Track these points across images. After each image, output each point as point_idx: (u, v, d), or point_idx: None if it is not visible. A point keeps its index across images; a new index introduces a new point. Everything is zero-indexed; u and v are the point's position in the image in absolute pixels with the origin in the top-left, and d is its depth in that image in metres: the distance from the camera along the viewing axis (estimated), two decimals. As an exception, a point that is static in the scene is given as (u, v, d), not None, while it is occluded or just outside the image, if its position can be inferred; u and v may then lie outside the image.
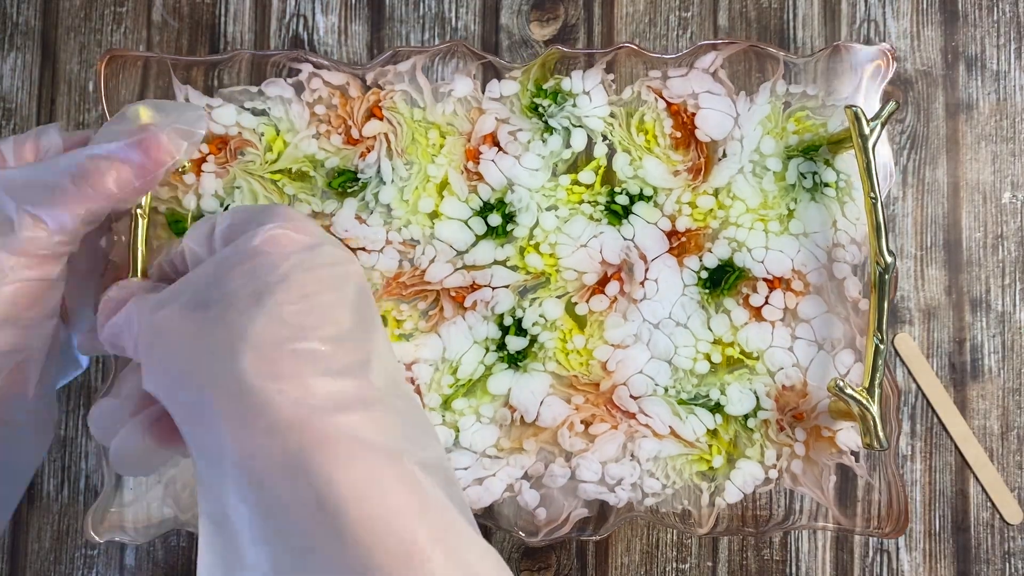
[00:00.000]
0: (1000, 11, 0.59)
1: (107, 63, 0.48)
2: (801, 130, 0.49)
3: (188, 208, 0.48)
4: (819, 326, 0.48)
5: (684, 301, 0.48)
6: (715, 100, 0.49)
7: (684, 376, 0.48)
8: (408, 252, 0.49)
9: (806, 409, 0.48)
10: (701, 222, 0.49)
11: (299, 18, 0.58)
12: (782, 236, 0.48)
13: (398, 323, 0.48)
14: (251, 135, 0.48)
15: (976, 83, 0.59)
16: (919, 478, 0.56)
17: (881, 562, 0.56)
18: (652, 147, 0.49)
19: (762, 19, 0.58)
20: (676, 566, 0.56)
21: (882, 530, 0.48)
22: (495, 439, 0.48)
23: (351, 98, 0.49)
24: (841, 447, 0.48)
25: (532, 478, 0.48)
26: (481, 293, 0.48)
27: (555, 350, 0.48)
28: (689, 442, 0.48)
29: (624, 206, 0.49)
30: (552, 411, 0.48)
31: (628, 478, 0.48)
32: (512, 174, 0.48)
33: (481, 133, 0.49)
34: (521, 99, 0.49)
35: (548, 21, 0.58)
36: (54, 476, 0.57)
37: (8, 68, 0.58)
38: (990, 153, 0.58)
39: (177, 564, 0.56)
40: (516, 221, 0.48)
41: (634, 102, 0.49)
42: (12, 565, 0.57)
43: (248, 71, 0.50)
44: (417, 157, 0.49)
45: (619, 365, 0.48)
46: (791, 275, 0.48)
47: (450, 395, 0.48)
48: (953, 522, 0.57)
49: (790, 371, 0.48)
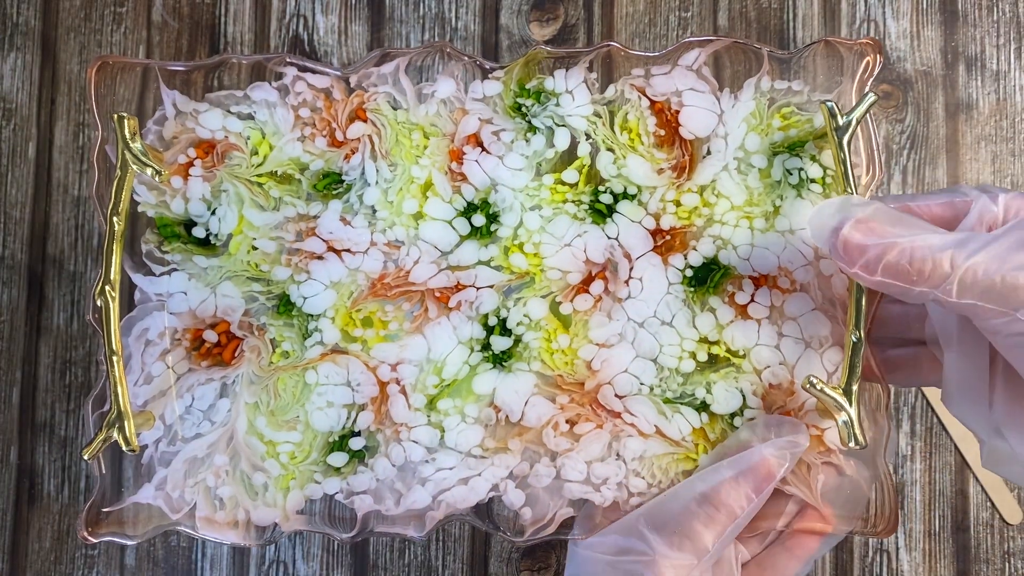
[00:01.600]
0: (1000, 11, 0.59)
1: (98, 69, 0.49)
2: (786, 126, 0.48)
3: (176, 212, 0.49)
4: (806, 324, 0.48)
5: (669, 300, 0.48)
6: (699, 97, 0.48)
7: (669, 375, 0.48)
8: (393, 253, 0.49)
9: (793, 407, 0.47)
10: (686, 220, 0.48)
11: (299, 18, 0.59)
12: (768, 233, 0.48)
13: (383, 324, 0.49)
14: (237, 139, 0.49)
15: (976, 83, 0.58)
16: (919, 478, 0.56)
17: (881, 562, 0.56)
18: (636, 145, 0.49)
19: (762, 19, 0.58)
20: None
21: (873, 529, 0.47)
22: (480, 439, 0.48)
23: (335, 100, 0.49)
24: (829, 445, 0.47)
25: (517, 478, 0.48)
26: (465, 293, 0.48)
27: (540, 350, 0.48)
28: (675, 441, 0.48)
29: (608, 205, 0.48)
30: (537, 411, 0.48)
31: (613, 477, 0.47)
32: (495, 174, 0.49)
33: (464, 134, 0.49)
34: (504, 99, 0.49)
35: (548, 21, 0.59)
36: (54, 476, 0.58)
37: (8, 68, 0.59)
38: (990, 153, 0.57)
39: (177, 564, 0.57)
40: (500, 221, 0.49)
41: (617, 100, 0.49)
42: (12, 565, 0.58)
43: (248, 74, 0.51)
44: (401, 158, 0.49)
45: (604, 364, 0.48)
46: (777, 272, 0.48)
47: (435, 395, 0.48)
48: (953, 522, 0.56)
49: (777, 369, 0.48)
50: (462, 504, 0.48)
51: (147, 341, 0.49)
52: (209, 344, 0.49)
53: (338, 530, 0.48)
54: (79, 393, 0.57)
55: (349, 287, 0.49)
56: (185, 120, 0.49)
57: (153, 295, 0.49)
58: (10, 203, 0.58)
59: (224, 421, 0.48)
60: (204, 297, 0.49)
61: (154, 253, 0.49)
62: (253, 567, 0.57)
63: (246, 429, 0.48)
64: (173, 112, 0.49)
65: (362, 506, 0.48)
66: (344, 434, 0.48)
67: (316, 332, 0.48)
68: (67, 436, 0.58)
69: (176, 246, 0.49)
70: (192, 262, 0.49)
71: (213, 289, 0.49)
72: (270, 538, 0.49)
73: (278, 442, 0.48)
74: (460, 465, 0.48)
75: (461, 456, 0.48)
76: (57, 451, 0.58)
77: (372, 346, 0.48)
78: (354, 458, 0.48)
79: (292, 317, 0.49)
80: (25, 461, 0.58)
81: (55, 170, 0.58)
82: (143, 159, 0.46)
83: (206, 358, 0.49)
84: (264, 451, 0.48)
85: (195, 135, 0.49)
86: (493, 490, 0.48)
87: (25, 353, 0.58)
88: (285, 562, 0.57)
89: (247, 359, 0.49)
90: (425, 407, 0.48)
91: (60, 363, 0.57)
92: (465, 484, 0.48)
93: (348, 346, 0.48)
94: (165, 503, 0.48)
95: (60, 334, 0.57)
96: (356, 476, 0.48)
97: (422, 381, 0.48)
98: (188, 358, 0.49)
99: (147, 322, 0.49)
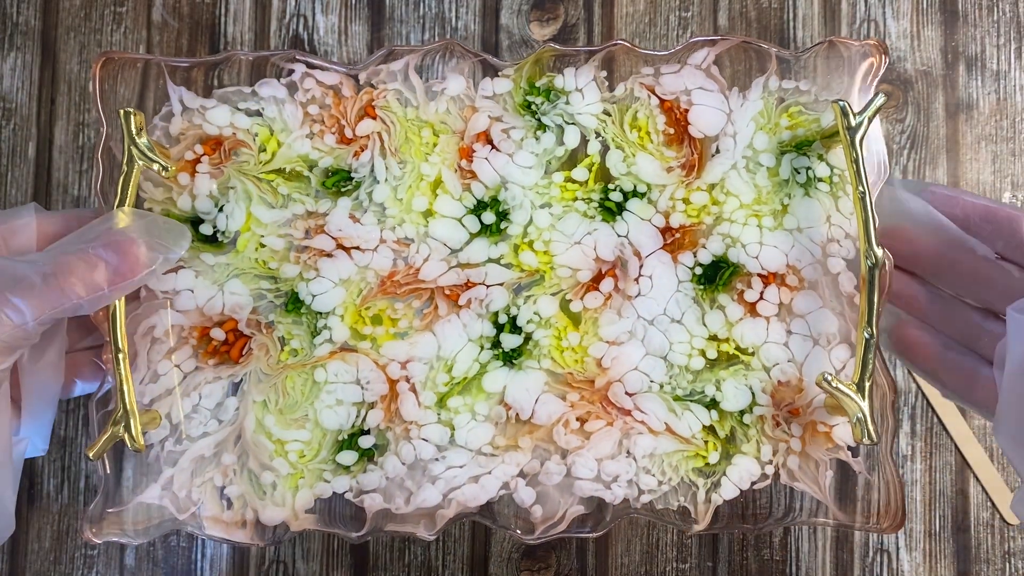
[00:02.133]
0: (1000, 11, 0.59)
1: (102, 65, 0.48)
2: (794, 125, 0.49)
3: (182, 209, 0.48)
4: (814, 321, 0.48)
5: (679, 297, 0.48)
6: (708, 96, 0.49)
7: (679, 372, 0.48)
8: (402, 251, 0.49)
9: (802, 404, 0.47)
10: (695, 218, 0.49)
11: (299, 18, 0.58)
12: (776, 231, 0.48)
13: (393, 322, 0.48)
14: (245, 136, 0.49)
15: (976, 83, 0.59)
16: (919, 478, 0.56)
17: (881, 562, 0.56)
18: (645, 144, 0.49)
19: (762, 19, 0.58)
20: (676, 566, 0.56)
21: (879, 526, 0.47)
22: (490, 437, 0.48)
23: (344, 97, 0.49)
24: (837, 442, 0.47)
25: (528, 476, 0.48)
26: (475, 291, 0.48)
27: (550, 347, 0.48)
28: (685, 438, 0.48)
29: (618, 203, 0.49)
30: (547, 408, 0.48)
31: (624, 475, 0.48)
32: (506, 172, 0.49)
33: (474, 131, 0.49)
34: (514, 97, 0.49)
35: (548, 21, 0.59)
36: (54, 476, 0.57)
37: (8, 68, 0.59)
38: (990, 153, 0.58)
39: (177, 564, 0.56)
40: (510, 219, 0.49)
41: (627, 99, 0.49)
42: (12, 565, 0.57)
43: (248, 71, 0.50)
44: (411, 156, 0.49)
45: (614, 362, 0.48)
46: (785, 270, 0.48)
47: (445, 393, 0.48)
48: (953, 522, 0.56)
49: (785, 366, 0.48)
50: (473, 502, 0.48)
51: (153, 339, 0.48)
52: (216, 342, 0.48)
53: (347, 529, 0.48)
54: (79, 393, 0.57)
55: (358, 285, 0.48)
56: (192, 116, 0.49)
57: (159, 292, 0.48)
58: (10, 203, 0.58)
59: (232, 420, 0.48)
60: (211, 295, 0.48)
61: (160, 250, 0.49)
62: (253, 567, 0.56)
63: (254, 428, 0.48)
64: (180, 108, 0.49)
65: (372, 505, 0.47)
66: (353, 432, 0.48)
67: (325, 330, 0.48)
68: (67, 436, 0.57)
69: (183, 243, 0.49)
70: (199, 259, 0.48)
71: (220, 287, 0.48)
72: (277, 538, 0.48)
73: (287, 440, 0.48)
74: (470, 463, 0.48)
75: (471, 454, 0.48)
76: (57, 451, 0.57)
77: (382, 344, 0.48)
78: (364, 456, 0.48)
79: (301, 315, 0.48)
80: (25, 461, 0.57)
81: (55, 170, 0.58)
82: (150, 154, 0.46)
83: (213, 356, 0.48)
84: (273, 450, 0.48)
85: (202, 131, 0.49)
86: (504, 488, 0.48)
87: (24, 352, 0.57)
88: (285, 562, 0.57)
89: (255, 357, 0.48)
90: (435, 405, 0.48)
91: (59, 363, 0.57)
92: (476, 482, 0.48)
93: (357, 344, 0.48)
94: (171, 503, 0.48)
95: (59, 333, 0.57)
96: (366, 474, 0.48)
97: (432, 379, 0.48)
98: (195, 356, 0.48)
99: (153, 320, 0.48)
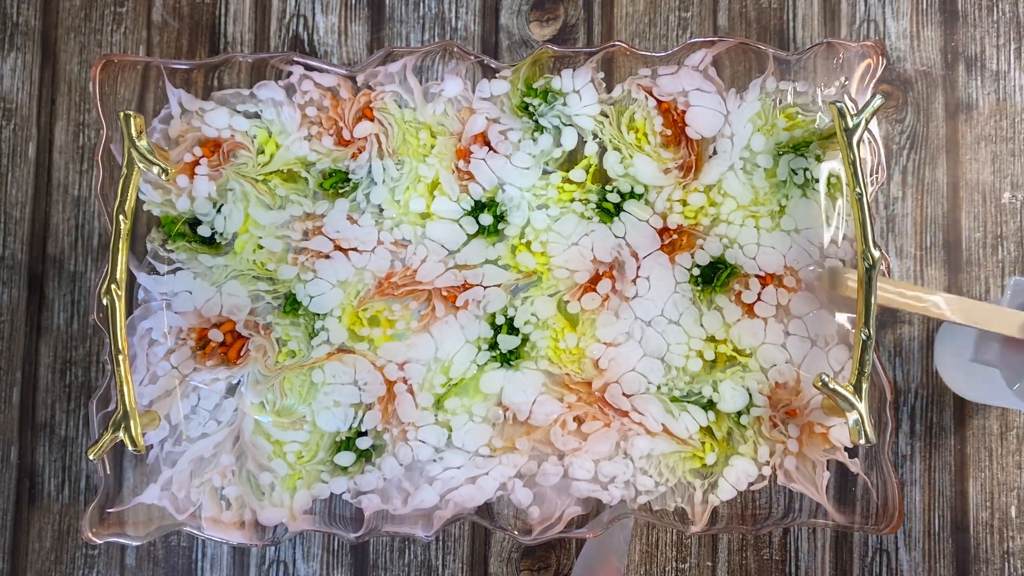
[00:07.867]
0: (1000, 11, 0.59)
1: (102, 68, 0.48)
2: (792, 127, 0.49)
3: (181, 210, 0.49)
4: (812, 322, 0.48)
5: (676, 298, 0.48)
6: (705, 98, 0.49)
7: (677, 373, 0.48)
8: (399, 252, 0.49)
9: (799, 406, 0.47)
10: (692, 219, 0.49)
11: (299, 18, 0.58)
12: (774, 232, 0.48)
13: (390, 323, 0.48)
14: (243, 138, 0.49)
15: (976, 83, 0.59)
16: (919, 478, 0.56)
17: (880, 562, 0.56)
18: (642, 145, 0.49)
19: (762, 19, 0.58)
20: (676, 566, 0.56)
21: (878, 526, 0.47)
22: (488, 438, 0.48)
23: (342, 99, 0.49)
24: (835, 443, 0.47)
25: (525, 477, 0.48)
26: (473, 292, 0.48)
27: (547, 348, 0.48)
28: (682, 439, 0.48)
29: (615, 204, 0.49)
30: (545, 409, 0.48)
31: (621, 476, 0.48)
32: (503, 173, 0.49)
33: (472, 133, 0.49)
34: (511, 98, 0.49)
35: (548, 21, 0.59)
36: (54, 476, 0.57)
37: (8, 68, 0.59)
38: (990, 153, 0.58)
39: (177, 564, 0.57)
40: (507, 220, 0.49)
41: (624, 100, 0.49)
42: (12, 565, 0.57)
43: (248, 73, 0.50)
44: (408, 157, 0.49)
45: (611, 363, 0.48)
46: (783, 271, 0.48)
47: (442, 394, 0.48)
48: (952, 522, 0.56)
49: (783, 367, 0.48)
50: (470, 503, 0.48)
51: (151, 340, 0.48)
52: (214, 343, 0.49)
53: (345, 530, 0.48)
54: (79, 393, 0.57)
55: (356, 286, 0.48)
56: (191, 119, 0.49)
57: (158, 294, 0.48)
58: (10, 203, 0.58)
59: (230, 421, 0.48)
60: (209, 296, 0.48)
61: (158, 252, 0.49)
62: (253, 567, 0.56)
63: (252, 429, 0.48)
64: (179, 111, 0.49)
65: (369, 505, 0.48)
66: (351, 434, 0.48)
67: (323, 331, 0.48)
68: (67, 436, 0.57)
69: (181, 245, 0.49)
70: (197, 261, 0.49)
71: (218, 288, 0.48)
72: (276, 538, 0.48)
73: (285, 442, 0.48)
74: (468, 464, 0.48)
75: (469, 455, 0.48)
76: (57, 451, 0.57)
77: (379, 345, 0.48)
78: (361, 457, 0.48)
79: (298, 316, 0.48)
80: (25, 461, 0.57)
81: (55, 170, 0.58)
82: (150, 157, 0.46)
83: (211, 357, 0.49)
84: (271, 451, 0.48)
85: (201, 134, 0.49)
86: (501, 489, 0.48)
87: (25, 353, 0.57)
88: (285, 562, 0.57)
89: (253, 358, 0.48)
90: (432, 406, 0.48)
91: (60, 363, 0.57)
92: (473, 483, 0.48)
93: (355, 345, 0.48)
94: (171, 503, 0.48)
95: (60, 334, 0.57)
96: (363, 475, 0.48)
97: (429, 380, 0.48)
98: (193, 357, 0.49)
99: (151, 321, 0.48)
